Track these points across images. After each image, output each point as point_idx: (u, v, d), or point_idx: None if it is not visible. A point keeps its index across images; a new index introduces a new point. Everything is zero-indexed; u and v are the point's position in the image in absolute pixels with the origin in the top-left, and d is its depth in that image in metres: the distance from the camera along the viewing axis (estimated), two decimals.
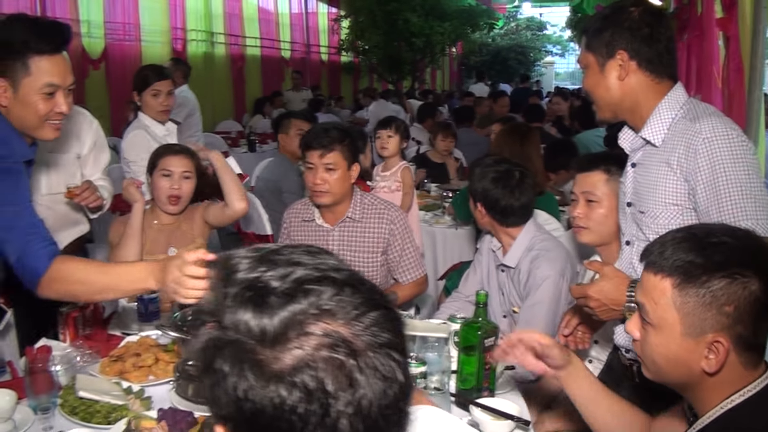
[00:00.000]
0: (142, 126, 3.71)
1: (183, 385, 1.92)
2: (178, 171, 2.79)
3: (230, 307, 0.77)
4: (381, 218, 2.85)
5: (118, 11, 9.78)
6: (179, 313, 2.00)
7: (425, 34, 14.69)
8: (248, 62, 13.22)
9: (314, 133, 2.81)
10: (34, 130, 2.02)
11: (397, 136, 4.35)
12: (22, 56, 1.92)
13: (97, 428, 1.79)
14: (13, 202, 1.88)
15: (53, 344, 2.19)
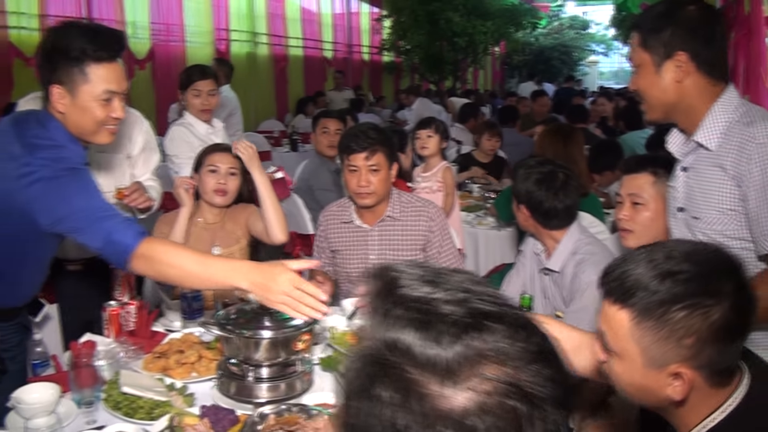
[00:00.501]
0: (185, 123, 3.76)
1: (225, 383, 1.92)
2: (224, 167, 2.82)
3: (392, 325, 0.71)
4: (420, 215, 2.84)
5: (163, 12, 9.95)
6: (222, 311, 2.01)
7: (468, 33, 14.61)
8: (291, 62, 13.32)
9: (354, 136, 2.79)
10: (91, 135, 2.07)
11: (437, 136, 4.33)
12: (80, 64, 1.95)
13: (139, 424, 1.80)
14: (91, 195, 1.92)
15: (98, 339, 2.22)
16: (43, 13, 7.97)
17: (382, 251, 2.84)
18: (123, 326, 2.39)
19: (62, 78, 1.96)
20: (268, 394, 1.87)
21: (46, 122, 2.00)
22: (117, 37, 2.06)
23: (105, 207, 1.92)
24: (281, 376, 1.91)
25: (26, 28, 7.83)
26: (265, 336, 1.83)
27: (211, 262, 1.89)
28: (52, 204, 1.87)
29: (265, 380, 1.88)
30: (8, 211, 1.93)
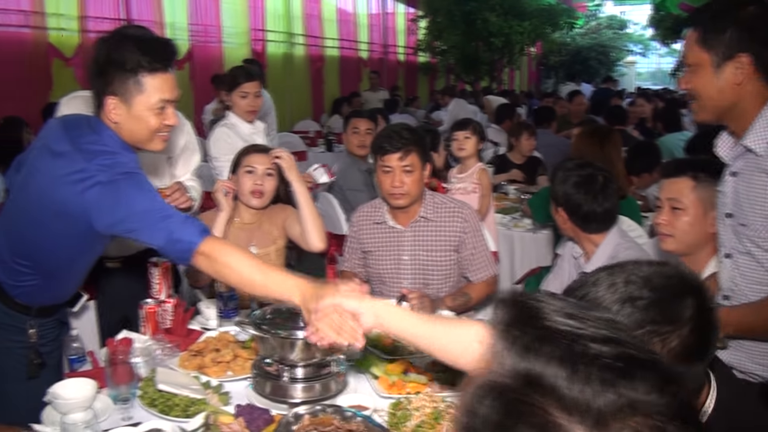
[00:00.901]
0: (229, 124, 3.79)
1: (260, 383, 1.92)
2: (261, 168, 2.83)
3: (534, 359, 0.67)
4: (454, 216, 2.82)
5: (200, 14, 10.05)
6: (258, 310, 2.01)
7: (504, 33, 14.53)
8: (327, 63, 13.37)
9: (387, 136, 2.78)
10: (145, 143, 2.10)
11: (474, 138, 4.30)
12: (135, 75, 1.98)
13: (175, 421, 1.80)
14: (149, 197, 1.95)
15: (134, 336, 2.25)
16: (82, 14, 8.10)
17: (415, 252, 2.82)
18: (160, 324, 2.41)
19: (117, 89, 1.99)
20: (302, 395, 1.87)
21: (99, 130, 2.03)
22: (170, 47, 2.09)
23: (164, 207, 1.96)
24: (316, 376, 1.90)
25: (65, 29, 7.97)
26: (300, 336, 1.82)
27: (270, 273, 1.89)
28: (110, 207, 1.91)
29: (300, 380, 1.88)
30: (62, 214, 1.97)
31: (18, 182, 2.17)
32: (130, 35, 2.05)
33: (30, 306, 2.21)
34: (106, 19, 8.41)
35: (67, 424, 1.56)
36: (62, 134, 2.03)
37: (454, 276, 2.86)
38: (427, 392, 1.91)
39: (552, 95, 12.10)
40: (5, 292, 2.17)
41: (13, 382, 2.22)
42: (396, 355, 2.19)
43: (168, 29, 9.22)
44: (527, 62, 21.28)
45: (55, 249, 2.09)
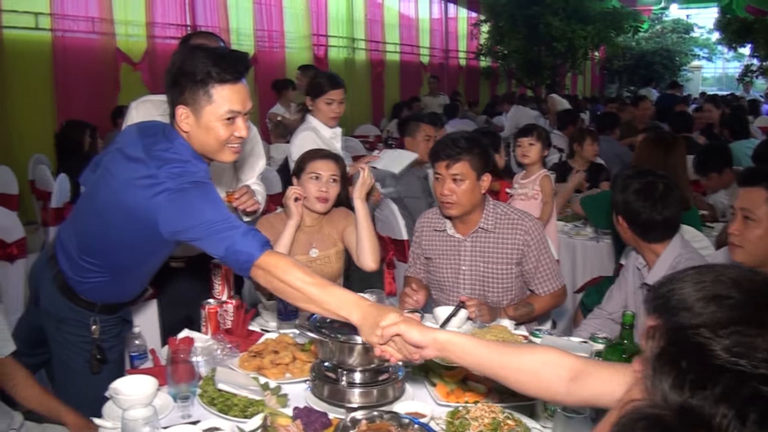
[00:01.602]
0: (312, 128, 3.81)
1: (319, 386, 1.92)
2: (326, 174, 2.85)
3: (701, 395, 0.66)
4: (515, 228, 2.75)
5: (264, 19, 10.19)
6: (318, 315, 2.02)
7: (567, 38, 14.32)
8: (388, 67, 13.42)
9: (443, 143, 2.75)
10: (215, 154, 2.13)
11: (538, 144, 4.22)
12: (205, 86, 2.01)
13: (233, 421, 1.82)
14: (214, 207, 1.98)
15: (195, 336, 2.27)
16: (149, 21, 8.34)
17: (474, 263, 2.79)
18: (220, 324, 2.44)
19: (187, 99, 2.03)
20: (360, 400, 1.87)
21: (172, 138, 2.08)
22: (242, 59, 2.10)
23: (227, 218, 1.97)
24: (374, 382, 1.90)
25: (134, 35, 8.22)
26: (359, 341, 1.82)
27: (329, 290, 1.87)
28: (175, 215, 1.94)
29: (358, 385, 1.88)
30: (130, 217, 2.02)
31: (91, 182, 2.24)
32: (203, 48, 2.09)
33: (94, 303, 2.27)
34: (172, 25, 8.64)
35: (128, 420, 1.59)
36: (137, 140, 2.08)
37: (515, 289, 2.80)
38: (486, 402, 1.88)
39: (616, 100, 11.84)
40: (71, 288, 2.24)
41: (75, 376, 2.29)
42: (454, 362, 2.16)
43: (233, 35, 9.40)
44: (590, 67, 20.93)
45: (122, 249, 2.14)
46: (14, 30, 7.12)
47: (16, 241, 3.56)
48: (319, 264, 2.87)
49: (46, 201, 5.44)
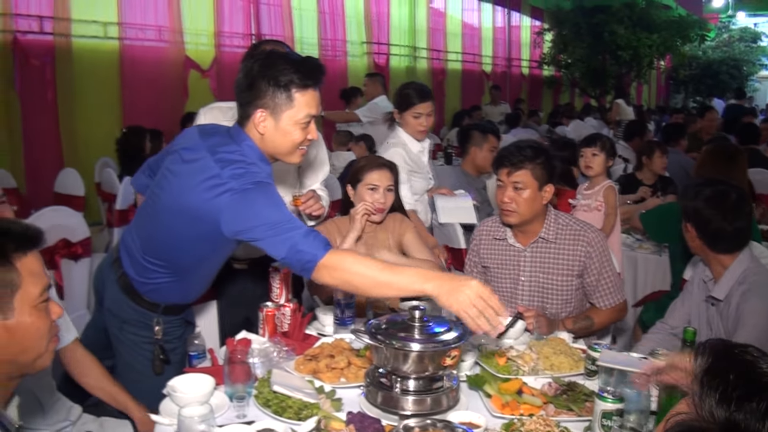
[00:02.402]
0: (401, 143, 3.74)
1: (373, 392, 1.93)
2: (383, 185, 2.86)
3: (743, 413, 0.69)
4: (577, 240, 2.70)
5: (327, 28, 10.31)
6: (374, 320, 2.02)
7: (632, 46, 14.06)
8: (449, 76, 13.39)
9: (508, 150, 2.73)
10: (286, 156, 2.21)
11: (602, 155, 4.12)
12: (288, 91, 2.09)
13: (287, 422, 1.83)
14: (276, 208, 2.02)
15: (253, 338, 2.31)
16: (217, 30, 8.57)
17: (533, 273, 2.75)
18: (278, 327, 2.47)
19: (268, 103, 2.10)
20: (413, 407, 1.86)
21: (239, 140, 2.14)
22: (320, 66, 2.20)
23: (290, 219, 2.01)
24: (428, 390, 1.89)
25: (202, 44, 8.47)
26: (414, 348, 1.82)
27: (400, 269, 1.97)
28: (238, 215, 1.99)
29: (412, 393, 1.88)
30: (193, 217, 2.07)
31: (152, 185, 2.29)
32: (284, 54, 2.16)
33: (158, 304, 2.33)
34: (238, 34, 8.86)
35: (184, 417, 1.61)
36: (199, 142, 2.14)
37: (574, 301, 2.75)
38: (541, 415, 1.85)
39: (682, 111, 11.53)
40: (135, 289, 2.30)
41: (138, 375, 2.35)
42: (510, 374, 2.13)
43: (297, 44, 9.54)
44: (656, 76, 20.46)
45: (185, 249, 2.19)
46: (83, 39, 7.39)
47: (80, 240, 3.67)
48: None
49: (111, 203, 5.62)
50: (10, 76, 6.75)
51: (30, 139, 6.96)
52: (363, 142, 6.40)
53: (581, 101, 16.83)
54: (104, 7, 7.57)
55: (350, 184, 2.95)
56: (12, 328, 1.37)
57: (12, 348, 1.38)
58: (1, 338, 1.36)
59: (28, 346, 1.40)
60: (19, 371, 1.44)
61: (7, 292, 1.35)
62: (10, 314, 1.36)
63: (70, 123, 7.26)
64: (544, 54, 15.93)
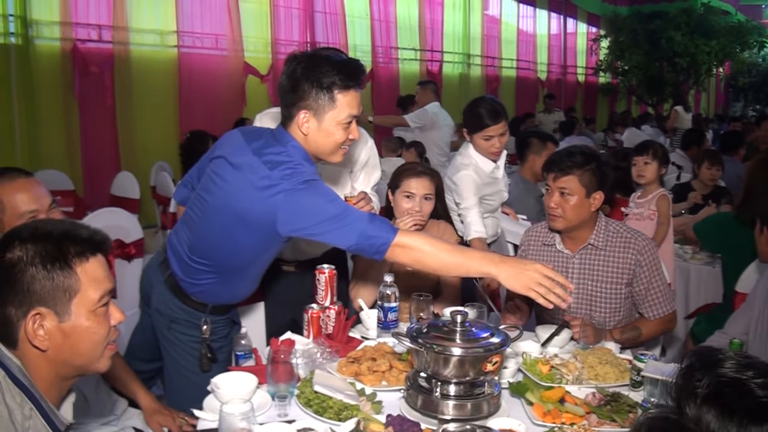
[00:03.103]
0: (473, 163, 3.47)
1: (413, 395, 1.92)
2: (420, 193, 2.86)
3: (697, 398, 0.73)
4: (627, 247, 2.65)
5: (381, 36, 10.39)
6: (416, 324, 2.03)
7: (690, 53, 13.78)
8: (503, 83, 13.33)
9: (558, 155, 2.71)
10: (328, 155, 2.26)
11: (654, 163, 4.04)
12: (330, 92, 2.14)
13: (327, 422, 1.85)
14: (333, 201, 2.10)
15: (297, 339, 2.33)
16: (274, 38, 8.77)
17: (582, 280, 2.71)
18: (322, 329, 2.49)
19: (311, 104, 2.15)
20: (453, 412, 1.85)
21: (284, 141, 2.19)
22: (361, 68, 2.24)
23: (348, 208, 2.11)
24: (468, 395, 1.88)
25: (259, 52, 8.69)
26: (454, 353, 1.82)
27: (467, 252, 2.16)
28: (295, 214, 2.05)
29: (452, 398, 1.87)
30: (245, 218, 2.13)
31: (198, 188, 2.34)
32: (326, 56, 2.19)
33: (206, 304, 2.37)
34: (295, 42, 9.04)
35: (225, 413, 1.64)
36: (243, 145, 2.19)
37: (623, 310, 2.70)
38: (584, 425, 1.82)
39: (740, 119, 11.22)
40: (182, 289, 2.35)
41: (186, 372, 2.39)
42: (553, 383, 2.11)
43: (351, 51, 9.66)
44: (715, 84, 19.96)
45: (234, 250, 2.23)
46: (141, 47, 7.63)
47: (134, 241, 3.78)
48: (414, 278, 2.85)
49: (165, 206, 5.76)
50: (69, 82, 7.00)
51: (88, 143, 7.21)
52: (414, 149, 6.40)
53: (638, 109, 16.53)
54: (162, 16, 7.81)
55: (390, 189, 2.96)
56: (67, 330, 1.38)
57: (66, 350, 1.40)
58: (56, 340, 1.38)
59: (82, 350, 1.42)
60: (74, 372, 1.46)
61: (66, 296, 1.37)
62: (67, 317, 1.38)
63: (128, 128, 7.49)
64: (600, 61, 15.72)
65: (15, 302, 1.34)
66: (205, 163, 2.38)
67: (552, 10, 14.95)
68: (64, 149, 7.07)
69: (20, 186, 1.99)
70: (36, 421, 1.37)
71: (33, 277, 1.34)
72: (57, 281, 1.36)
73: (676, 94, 14.62)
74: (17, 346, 1.38)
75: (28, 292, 1.34)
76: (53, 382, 1.43)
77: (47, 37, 6.87)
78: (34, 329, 1.35)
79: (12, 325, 1.36)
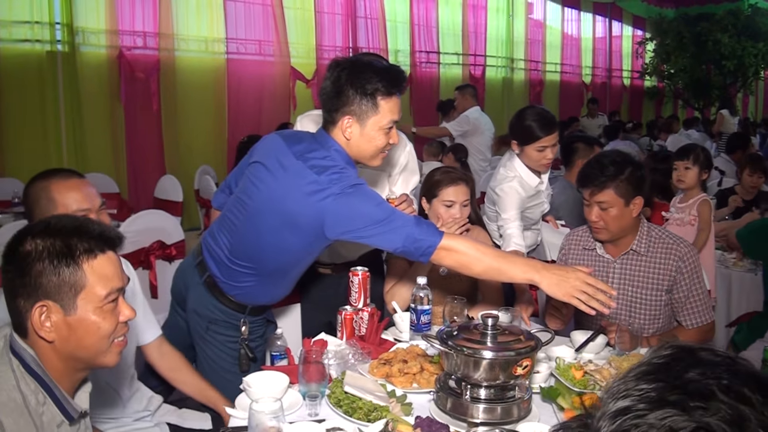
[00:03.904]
0: (518, 177, 3.34)
1: (443, 398, 1.93)
2: (459, 201, 2.85)
3: None
4: (669, 253, 2.61)
5: (422, 40, 10.42)
6: (448, 327, 2.03)
7: (737, 55, 13.47)
8: (547, 87, 13.23)
9: (590, 166, 2.65)
10: (369, 159, 2.32)
11: (695, 168, 3.97)
12: (374, 98, 2.19)
13: (357, 423, 1.86)
14: (379, 205, 2.16)
15: (330, 339, 2.36)
16: (318, 44, 8.89)
17: (622, 286, 2.68)
18: (355, 330, 2.51)
19: (354, 110, 2.20)
20: (483, 416, 1.85)
21: (327, 145, 2.25)
22: (403, 74, 2.29)
23: (394, 212, 2.15)
24: (498, 399, 1.88)
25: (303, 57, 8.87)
26: (485, 356, 1.82)
27: (510, 258, 2.22)
28: (344, 217, 2.11)
29: (482, 401, 1.87)
30: (291, 222, 2.17)
31: (237, 192, 2.38)
32: (370, 63, 2.24)
33: (245, 305, 2.42)
34: (338, 47, 9.16)
35: (255, 411, 1.67)
36: (285, 148, 2.23)
37: (662, 317, 2.66)
38: None
39: None
40: (222, 291, 2.39)
41: (224, 372, 2.44)
42: (586, 389, 2.09)
43: (391, 55, 9.71)
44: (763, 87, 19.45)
45: (280, 253, 2.28)
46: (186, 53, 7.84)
47: (175, 243, 3.85)
48: (448, 282, 2.86)
49: (208, 209, 5.84)
50: (116, 88, 7.18)
51: (133, 148, 7.38)
52: (452, 153, 6.38)
53: (684, 113, 16.23)
54: (209, 24, 7.98)
55: (425, 197, 2.94)
56: (72, 324, 1.42)
57: (72, 342, 1.43)
58: (62, 332, 1.42)
59: (87, 343, 1.45)
60: (82, 365, 1.50)
61: (71, 291, 1.41)
62: (72, 311, 1.42)
63: (173, 133, 7.65)
64: (645, 64, 15.50)
65: (24, 294, 1.39)
66: (244, 168, 2.42)
67: (597, 13, 14.78)
68: (109, 153, 7.26)
69: (73, 185, 2.03)
70: (49, 408, 1.42)
71: (41, 271, 1.38)
72: (63, 276, 1.40)
73: (723, 98, 14.30)
74: (27, 336, 1.43)
75: (35, 284, 1.38)
76: (64, 372, 1.47)
77: (93, 44, 7.10)
78: (40, 321, 1.40)
79: (22, 315, 1.41)
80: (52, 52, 6.80)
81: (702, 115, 14.83)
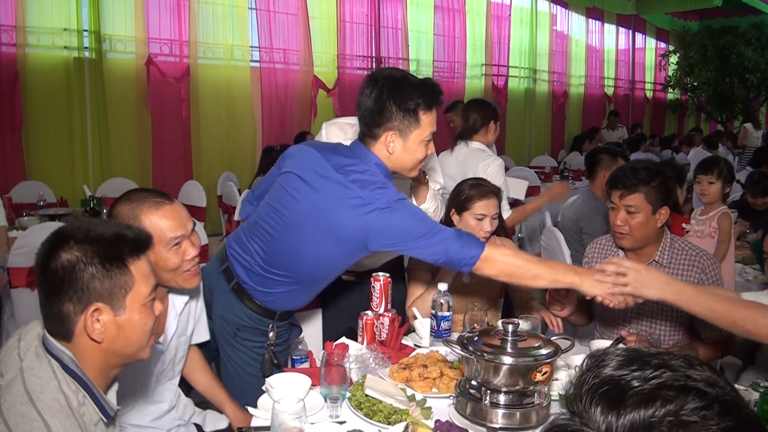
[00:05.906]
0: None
1: (462, 403, 1.95)
2: (490, 213, 2.89)
3: (584, 397, 0.77)
4: (691, 265, 2.62)
5: (445, 50, 10.46)
6: (468, 333, 2.05)
7: (761, 69, 13.34)
8: (570, 98, 13.21)
9: (622, 172, 2.68)
10: (408, 172, 2.39)
11: (718, 183, 3.97)
12: (416, 113, 2.26)
13: (376, 425, 1.89)
14: (422, 218, 2.22)
15: (351, 344, 2.38)
16: (340, 53, 8.96)
17: None
18: (376, 335, 2.53)
19: (397, 125, 2.26)
20: (502, 421, 1.87)
21: (367, 159, 2.30)
22: (438, 87, 2.36)
23: (436, 225, 2.21)
24: (518, 404, 1.89)
25: (326, 66, 8.95)
26: (504, 362, 1.83)
27: (552, 264, 2.30)
28: (388, 230, 2.17)
29: (502, 406, 1.88)
30: (333, 234, 2.22)
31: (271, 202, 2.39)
32: (404, 77, 2.30)
33: (275, 311, 2.46)
34: (359, 56, 9.20)
35: (277, 411, 1.70)
36: (322, 161, 2.27)
37: (683, 329, 2.66)
38: None
39: None
40: (252, 298, 2.42)
41: (248, 376, 2.47)
42: None
43: (413, 65, 9.76)
44: None
45: (320, 262, 2.33)
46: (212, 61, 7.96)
47: None
48: (473, 289, 2.89)
49: (230, 214, 5.92)
50: (144, 95, 7.30)
51: (159, 154, 7.47)
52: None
53: (707, 126, 16.11)
54: (237, 32, 8.10)
55: (455, 210, 2.96)
56: (122, 323, 1.50)
57: (120, 341, 1.52)
58: (111, 332, 1.49)
59: (133, 340, 1.54)
60: (121, 361, 1.58)
61: (122, 292, 1.49)
62: (122, 311, 1.50)
63: (198, 139, 7.74)
64: (668, 77, 15.40)
65: (74, 299, 1.45)
66: (274, 179, 2.46)
67: (620, 25, 14.74)
68: (134, 158, 7.36)
69: (166, 213, 2.00)
70: (89, 407, 1.48)
71: (93, 275, 1.45)
72: (115, 279, 1.48)
73: (747, 112, 14.20)
74: (72, 339, 1.49)
75: (87, 289, 1.45)
76: (101, 371, 1.54)
77: (120, 51, 7.22)
78: (92, 323, 1.47)
79: (70, 320, 1.47)
80: (79, 58, 6.93)
81: (725, 128, 14.72)
